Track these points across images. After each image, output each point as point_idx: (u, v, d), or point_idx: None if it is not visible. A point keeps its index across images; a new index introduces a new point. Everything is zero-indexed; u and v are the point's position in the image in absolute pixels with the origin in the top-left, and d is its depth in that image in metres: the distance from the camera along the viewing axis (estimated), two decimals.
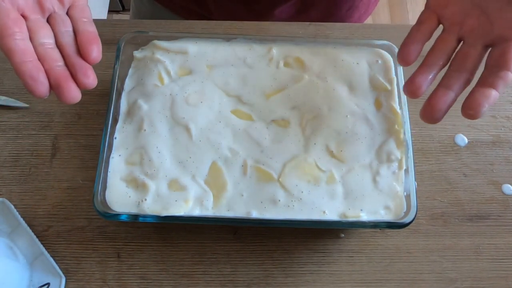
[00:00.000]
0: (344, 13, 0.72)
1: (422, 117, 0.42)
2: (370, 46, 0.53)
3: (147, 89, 0.49)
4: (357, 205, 0.45)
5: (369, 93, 0.50)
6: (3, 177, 0.51)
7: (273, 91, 0.50)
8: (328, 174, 0.46)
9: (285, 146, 0.47)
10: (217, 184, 0.46)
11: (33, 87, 0.36)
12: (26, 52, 0.37)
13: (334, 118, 0.49)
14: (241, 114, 0.49)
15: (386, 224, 0.44)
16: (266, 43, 0.52)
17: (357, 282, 0.48)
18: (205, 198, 0.45)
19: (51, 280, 0.46)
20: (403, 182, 0.46)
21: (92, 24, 0.41)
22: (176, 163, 0.46)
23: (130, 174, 0.46)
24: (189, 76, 0.51)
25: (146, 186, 0.45)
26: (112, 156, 0.46)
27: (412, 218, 0.44)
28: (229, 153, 0.47)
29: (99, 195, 0.44)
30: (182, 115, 0.48)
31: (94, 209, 0.43)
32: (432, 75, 0.42)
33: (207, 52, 0.52)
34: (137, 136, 0.47)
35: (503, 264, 0.49)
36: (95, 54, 0.38)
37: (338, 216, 0.45)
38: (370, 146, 0.48)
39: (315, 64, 0.51)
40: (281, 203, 0.45)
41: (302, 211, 0.45)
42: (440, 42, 0.43)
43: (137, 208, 0.44)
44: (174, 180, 0.45)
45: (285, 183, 0.46)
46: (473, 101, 0.39)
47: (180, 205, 0.44)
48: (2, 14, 0.37)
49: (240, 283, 0.47)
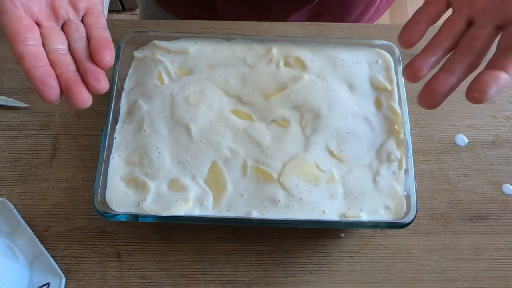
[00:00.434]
0: (356, 18, 0.72)
1: (420, 101, 0.38)
2: (370, 46, 0.53)
3: (147, 89, 0.49)
4: (357, 205, 0.45)
5: (369, 93, 0.50)
6: (3, 177, 0.51)
7: (273, 91, 0.50)
8: (328, 174, 0.46)
9: (285, 146, 0.47)
10: (217, 184, 0.46)
11: (43, 92, 0.36)
12: (37, 57, 0.36)
13: (334, 118, 0.49)
14: (241, 114, 0.49)
15: (386, 224, 0.44)
16: (266, 43, 0.52)
17: (357, 282, 0.48)
18: (205, 198, 0.45)
19: (51, 280, 0.46)
20: (403, 182, 0.46)
21: (107, 30, 0.40)
22: (176, 163, 0.46)
23: (130, 174, 0.46)
24: (189, 76, 0.51)
25: (146, 186, 0.45)
26: (112, 156, 0.46)
27: (412, 218, 0.44)
28: (229, 153, 0.47)
29: (99, 195, 0.44)
30: (182, 115, 0.48)
31: (94, 209, 0.43)
32: (435, 58, 0.38)
33: (207, 52, 0.52)
34: (137, 136, 0.47)
35: (503, 264, 0.49)
36: (108, 59, 0.38)
37: (338, 216, 0.45)
38: (370, 146, 0.48)
39: (315, 64, 0.52)
40: (281, 203, 0.45)
41: (302, 211, 0.45)
42: (447, 24, 0.40)
43: (137, 208, 0.44)
44: (174, 180, 0.45)
45: (285, 183, 0.46)
46: (480, 83, 0.35)
47: (180, 205, 0.44)
48: (14, 21, 0.37)
49: (240, 283, 0.47)
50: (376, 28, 0.61)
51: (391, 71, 0.51)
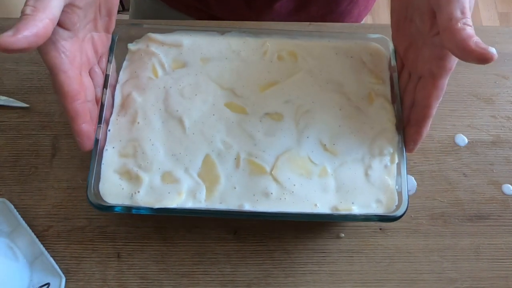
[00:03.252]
0: (344, 9, 0.71)
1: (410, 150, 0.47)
2: (363, 40, 0.53)
3: (141, 82, 0.49)
4: (348, 198, 0.45)
5: (362, 87, 0.50)
6: (3, 177, 0.51)
7: (267, 85, 0.50)
8: (321, 168, 0.46)
9: (278, 140, 0.47)
10: (210, 177, 0.46)
11: (85, 146, 0.43)
12: (87, 114, 0.43)
13: (327, 112, 0.49)
14: (234, 107, 0.49)
15: (377, 217, 0.44)
16: (260, 37, 0.52)
17: (357, 282, 0.48)
18: (198, 190, 0.45)
19: (51, 280, 0.46)
20: (394, 176, 0.46)
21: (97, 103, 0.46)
22: (170, 156, 0.46)
23: (123, 166, 0.46)
24: (183, 69, 0.51)
25: (139, 178, 0.45)
26: (105, 149, 0.46)
27: (403, 211, 0.44)
28: (223, 146, 0.47)
29: (93, 187, 0.44)
30: (176, 108, 0.48)
31: (87, 201, 0.43)
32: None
33: (201, 45, 0.52)
34: (130, 129, 0.47)
35: (503, 264, 0.49)
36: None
37: (329, 209, 0.45)
38: (363, 140, 0.48)
39: (309, 57, 0.52)
40: (273, 196, 0.45)
41: (294, 204, 0.45)
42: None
43: (130, 200, 0.44)
44: (167, 173, 0.46)
45: (278, 176, 0.46)
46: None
47: (173, 198, 0.44)
48: (73, 81, 0.41)
49: (240, 283, 0.47)
50: (376, 28, 0.61)
51: (385, 65, 0.51)
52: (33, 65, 0.56)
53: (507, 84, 0.58)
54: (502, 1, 1.79)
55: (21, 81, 0.55)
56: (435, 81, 0.43)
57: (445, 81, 0.44)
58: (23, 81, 0.55)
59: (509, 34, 0.61)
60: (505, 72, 0.59)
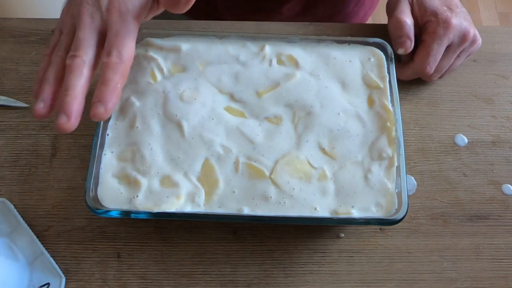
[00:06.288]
0: (351, 10, 0.72)
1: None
2: (362, 44, 0.53)
3: (140, 86, 0.50)
4: (348, 202, 0.45)
5: (362, 90, 0.51)
6: (3, 177, 0.51)
7: (266, 89, 0.50)
8: (320, 171, 0.46)
9: (277, 143, 0.47)
10: (209, 181, 0.46)
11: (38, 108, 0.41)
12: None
13: (326, 115, 0.49)
14: (233, 111, 0.49)
15: (377, 220, 0.44)
16: (259, 41, 0.53)
17: (357, 282, 0.48)
18: (197, 194, 0.45)
19: (51, 280, 0.46)
20: (394, 179, 0.46)
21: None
22: (169, 160, 0.46)
23: (122, 170, 0.46)
24: (182, 74, 0.51)
25: (138, 183, 0.45)
26: (104, 153, 0.46)
27: (403, 215, 0.44)
28: (222, 150, 0.47)
29: (91, 191, 0.44)
30: (174, 112, 0.48)
31: (86, 205, 0.43)
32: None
33: (200, 49, 0.52)
34: (129, 133, 0.47)
35: (503, 264, 0.49)
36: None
37: (329, 212, 0.45)
38: (362, 144, 0.48)
39: (307, 62, 0.52)
40: (273, 199, 0.45)
41: (293, 207, 0.45)
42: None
43: (129, 205, 0.44)
44: (166, 177, 0.46)
45: (277, 180, 0.46)
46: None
47: (171, 202, 0.44)
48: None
49: (240, 283, 0.47)
50: (376, 28, 0.61)
51: (384, 68, 0.51)
52: (33, 65, 0.56)
53: (507, 84, 0.58)
54: (502, 1, 1.79)
55: (21, 81, 0.55)
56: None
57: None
58: (23, 81, 0.55)
59: (509, 34, 0.61)
60: (505, 72, 0.59)
